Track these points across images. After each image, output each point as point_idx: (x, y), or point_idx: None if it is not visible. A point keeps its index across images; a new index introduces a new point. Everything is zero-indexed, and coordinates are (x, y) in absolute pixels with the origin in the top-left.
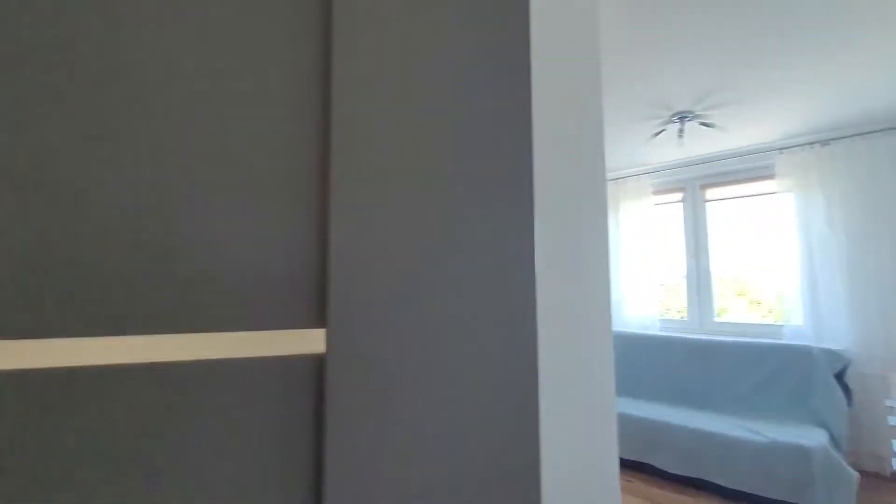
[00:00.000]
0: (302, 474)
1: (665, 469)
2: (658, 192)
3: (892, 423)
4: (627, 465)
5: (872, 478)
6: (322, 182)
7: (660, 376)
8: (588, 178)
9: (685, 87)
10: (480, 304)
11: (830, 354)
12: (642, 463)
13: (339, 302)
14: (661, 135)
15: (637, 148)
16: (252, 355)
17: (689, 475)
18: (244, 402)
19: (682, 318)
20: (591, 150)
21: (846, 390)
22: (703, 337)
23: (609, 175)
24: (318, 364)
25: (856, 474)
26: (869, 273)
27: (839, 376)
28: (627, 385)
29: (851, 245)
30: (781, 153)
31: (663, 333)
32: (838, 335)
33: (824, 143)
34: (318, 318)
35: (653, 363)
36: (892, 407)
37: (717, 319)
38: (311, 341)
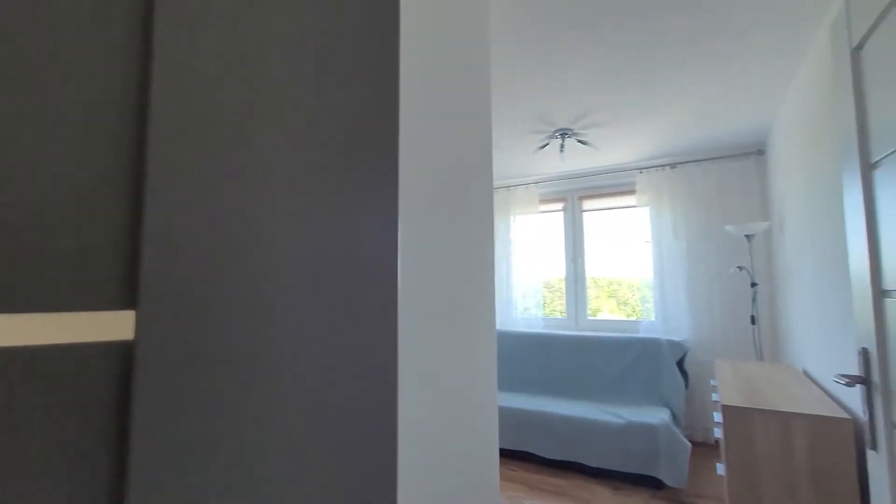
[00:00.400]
0: (100, 484)
1: (544, 455)
2: (544, 200)
3: (715, 399)
4: (511, 455)
5: (701, 446)
6: (137, 141)
7: (542, 371)
8: (474, 188)
9: (565, 107)
10: (328, 295)
11: (674, 345)
12: (524, 451)
13: (153, 280)
14: (545, 148)
15: (526, 159)
16: (38, 343)
17: (562, 459)
18: (26, 397)
19: (563, 316)
20: (480, 161)
21: (685, 375)
22: (578, 333)
23: (501, 183)
24: (124, 352)
25: (689, 444)
26: (701, 276)
27: (680, 363)
28: (515, 380)
29: (690, 252)
30: (641, 172)
31: (545, 331)
32: (680, 328)
33: (673, 166)
34: (127, 298)
35: (536, 359)
36: (715, 386)
37: (590, 317)
38: (117, 326)
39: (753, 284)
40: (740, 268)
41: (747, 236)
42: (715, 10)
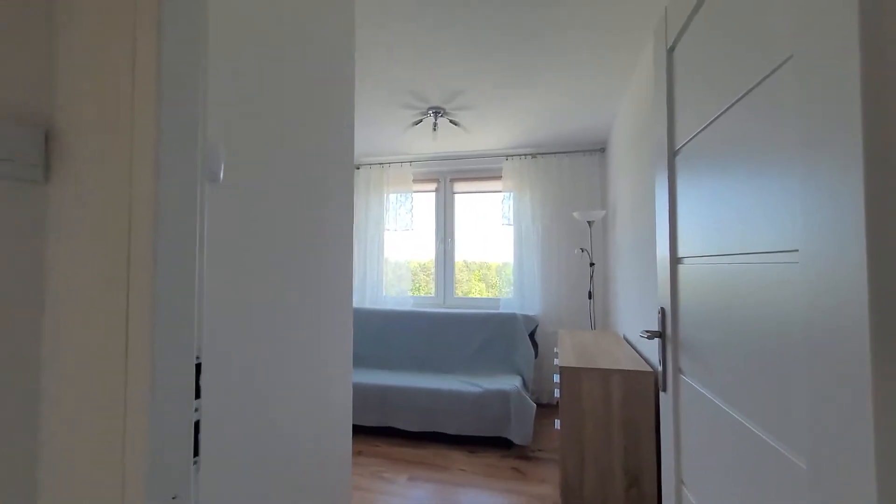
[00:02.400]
0: None
1: (406, 429)
2: (417, 180)
3: (556, 363)
4: (374, 432)
5: (546, 407)
6: None
7: (409, 347)
8: (333, 168)
9: (437, 85)
10: None
11: (527, 319)
12: (388, 427)
13: None
14: (419, 126)
15: (400, 136)
16: None
17: (424, 430)
18: None
19: (431, 295)
20: (340, 140)
21: (535, 345)
22: (443, 310)
23: (375, 160)
24: None
25: (534, 405)
26: (552, 256)
27: (532, 334)
28: (382, 358)
29: (543, 235)
30: (507, 159)
31: (413, 309)
32: (534, 303)
33: (534, 155)
34: None
35: (404, 336)
36: (557, 352)
37: (456, 295)
38: None
39: (591, 264)
40: (582, 250)
41: (589, 222)
42: (565, 5)
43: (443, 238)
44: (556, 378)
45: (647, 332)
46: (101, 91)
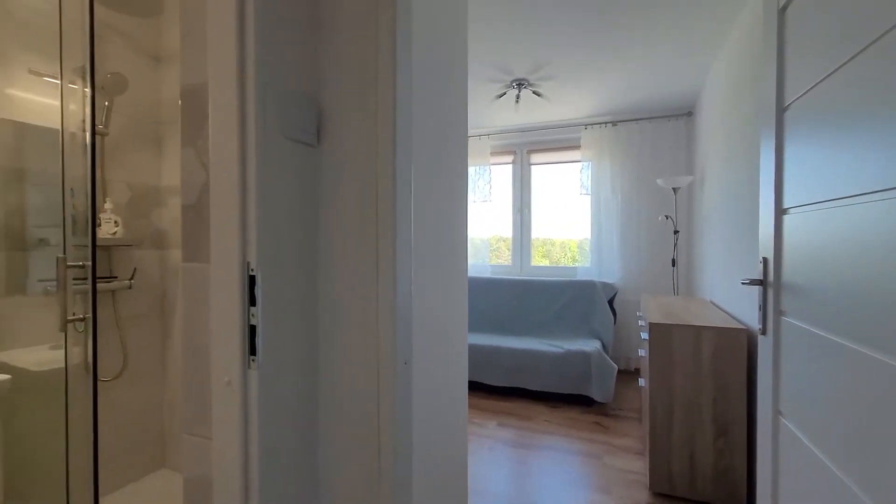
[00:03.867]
0: None
1: (491, 384)
2: (495, 153)
3: (641, 325)
4: None
5: (623, 373)
6: None
7: (490, 311)
8: (453, 138)
9: (524, 57)
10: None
11: (606, 286)
12: (474, 382)
13: None
14: (501, 99)
15: (481, 109)
16: None
17: (508, 385)
18: None
19: (508, 264)
20: (457, 112)
21: (614, 311)
22: (523, 278)
23: None
24: None
25: (615, 367)
26: (632, 224)
27: (610, 302)
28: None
29: (623, 205)
30: (586, 129)
31: (493, 276)
32: (612, 271)
33: (614, 123)
34: None
35: (485, 301)
36: (640, 316)
37: (532, 263)
38: None
39: (676, 231)
40: (667, 217)
41: (674, 189)
42: None
43: (519, 208)
44: (644, 335)
45: (748, 279)
46: (354, 82)
